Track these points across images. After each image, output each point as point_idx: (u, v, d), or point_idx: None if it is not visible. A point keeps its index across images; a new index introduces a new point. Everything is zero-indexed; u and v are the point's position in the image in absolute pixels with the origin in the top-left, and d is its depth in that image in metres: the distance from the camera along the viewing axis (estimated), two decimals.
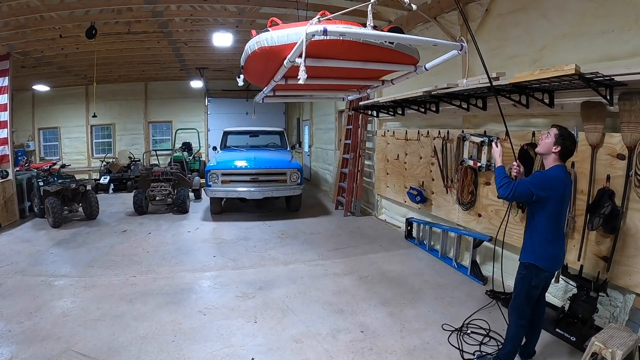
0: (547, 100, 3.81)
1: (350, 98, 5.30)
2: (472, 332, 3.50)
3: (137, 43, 8.24)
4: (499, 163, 2.90)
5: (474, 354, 3.14)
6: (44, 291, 4.28)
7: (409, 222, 6.29)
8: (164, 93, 14.39)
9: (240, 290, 4.35)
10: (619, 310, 3.32)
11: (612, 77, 2.94)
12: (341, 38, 2.61)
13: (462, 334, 3.44)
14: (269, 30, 2.88)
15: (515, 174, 2.95)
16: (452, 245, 5.32)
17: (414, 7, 2.80)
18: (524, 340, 2.99)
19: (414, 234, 6.25)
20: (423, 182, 6.04)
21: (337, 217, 7.86)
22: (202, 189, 8.79)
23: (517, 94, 4.02)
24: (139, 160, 12.50)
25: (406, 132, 6.42)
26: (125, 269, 4.98)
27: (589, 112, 3.42)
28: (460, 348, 3.20)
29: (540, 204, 2.67)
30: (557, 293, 3.96)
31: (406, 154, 6.48)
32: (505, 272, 4.55)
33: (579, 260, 3.53)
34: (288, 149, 9.17)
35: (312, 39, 2.54)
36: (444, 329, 3.51)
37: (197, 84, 12.83)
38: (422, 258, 5.50)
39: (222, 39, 7.33)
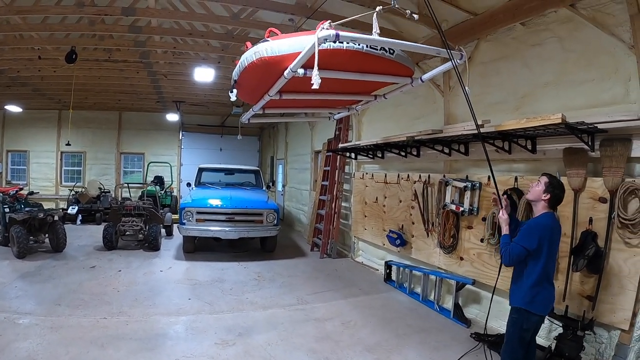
0: (529, 147, 3.99)
1: (337, 117, 5.32)
2: None
3: (115, 71, 8.03)
4: (504, 231, 2.90)
5: None
6: (7, 329, 3.87)
7: (388, 265, 6.19)
8: (138, 124, 14.09)
9: (219, 336, 3.98)
10: (604, 346, 3.33)
11: (596, 125, 3.13)
12: (344, 47, 2.61)
13: None
14: (268, 41, 2.81)
15: (502, 213, 2.96)
16: (432, 288, 5.25)
17: (416, 17, 2.86)
18: None
19: (393, 277, 6.15)
20: (403, 225, 6.03)
21: (314, 259, 7.63)
22: (174, 225, 8.40)
23: (501, 140, 4.19)
24: (109, 192, 12.00)
25: (385, 175, 6.49)
26: (95, 310, 4.51)
27: (571, 157, 3.59)
28: None
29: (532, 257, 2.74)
30: (542, 333, 3.89)
31: (385, 197, 6.50)
32: (491, 315, 4.56)
33: (563, 300, 3.56)
34: (264, 188, 9.01)
35: (303, 62, 2.58)
36: None
37: (172, 117, 12.67)
38: (403, 301, 5.37)
39: (204, 74, 7.29)
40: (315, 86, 2.36)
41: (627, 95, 3.31)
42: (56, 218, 7.20)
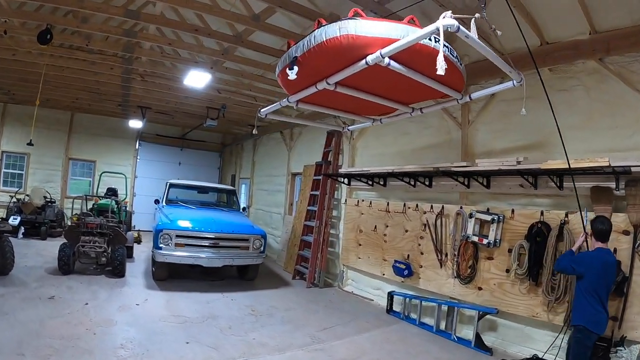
0: (558, 183, 4.55)
1: (351, 128, 5.69)
2: None
3: (85, 64, 7.36)
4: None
5: None
6: None
7: (391, 296, 6.39)
8: (92, 128, 13.32)
9: None
10: (625, 359, 3.87)
11: (628, 168, 3.77)
12: (432, 45, 2.83)
13: None
14: (356, 19, 2.89)
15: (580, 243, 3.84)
16: (443, 318, 5.58)
17: (499, 32, 3.17)
18: None
19: (395, 307, 6.35)
20: (409, 255, 6.35)
21: (300, 289, 7.59)
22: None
23: (529, 176, 4.71)
24: (55, 202, 10.86)
25: (388, 204, 6.81)
26: None
27: (599, 195, 4.27)
28: None
29: (579, 278, 3.55)
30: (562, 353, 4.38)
31: (387, 226, 6.81)
32: (508, 341, 4.98)
33: None
34: (240, 210, 8.73)
35: (398, 51, 2.76)
36: None
37: (135, 123, 12.10)
38: (418, 334, 5.63)
39: (197, 79, 7.07)
40: (440, 72, 2.49)
41: None
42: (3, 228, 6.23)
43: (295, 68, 3.21)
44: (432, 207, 6.07)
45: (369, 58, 2.93)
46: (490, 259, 5.25)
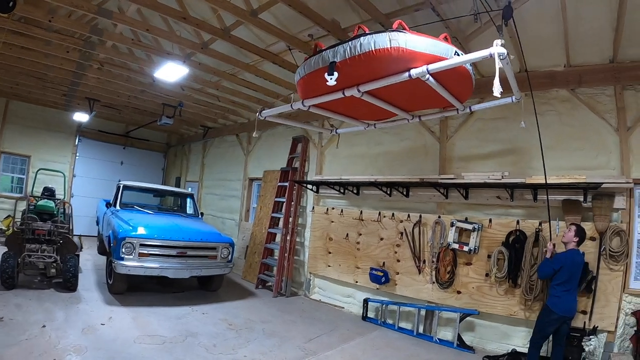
0: (532, 196, 5.28)
1: (339, 131, 5.92)
2: None
3: (39, 44, 6.42)
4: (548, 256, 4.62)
5: None
6: None
7: (366, 303, 6.68)
8: (28, 119, 11.95)
9: None
10: (594, 346, 4.71)
11: (599, 184, 4.63)
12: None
13: None
14: (403, 32, 3.09)
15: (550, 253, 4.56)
16: (421, 322, 6.03)
17: (512, 56, 3.40)
18: None
19: (370, 314, 6.65)
20: (384, 262, 6.71)
21: (268, 299, 7.53)
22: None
23: (506, 189, 5.40)
24: None
25: (361, 212, 7.11)
26: None
27: (569, 207, 5.08)
28: None
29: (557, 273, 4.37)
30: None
31: (360, 234, 7.12)
32: (486, 339, 5.57)
33: None
34: (199, 215, 8.33)
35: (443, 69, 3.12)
36: None
37: (81, 117, 11.10)
38: (400, 338, 6.00)
39: (172, 72, 6.64)
40: (496, 94, 2.89)
41: (609, 163, 5.06)
42: None
43: (336, 74, 3.30)
44: (409, 216, 6.53)
45: (414, 72, 3.16)
46: (469, 265, 5.83)
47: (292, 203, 8.03)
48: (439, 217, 6.17)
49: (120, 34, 5.94)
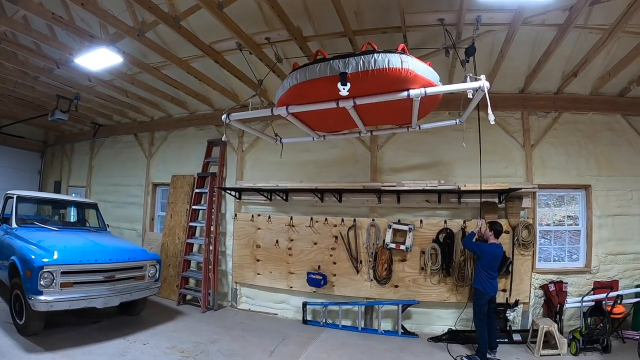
0: (457, 200, 6.43)
1: (285, 141, 5.94)
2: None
3: None
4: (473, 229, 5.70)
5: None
6: None
7: (305, 307, 6.94)
8: None
9: None
10: (513, 316, 6.14)
11: (517, 189, 5.94)
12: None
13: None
14: (402, 53, 3.49)
15: (479, 230, 5.61)
16: (362, 317, 6.66)
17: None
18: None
19: (309, 317, 6.95)
20: (319, 266, 7.04)
21: (198, 315, 6.98)
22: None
23: (435, 194, 6.43)
24: None
25: (291, 218, 7.27)
26: None
27: (488, 207, 6.32)
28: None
29: (479, 258, 5.45)
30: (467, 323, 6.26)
31: (291, 240, 7.26)
32: (422, 324, 6.53)
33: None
34: (106, 228, 7.15)
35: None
36: None
37: None
38: (348, 335, 6.37)
39: (99, 59, 5.54)
40: (492, 122, 3.73)
41: (516, 173, 6.44)
42: None
43: (349, 84, 3.47)
44: (342, 220, 6.99)
45: (413, 93, 3.64)
46: (404, 261, 6.65)
47: (213, 211, 7.66)
48: (373, 220, 6.82)
49: (39, 3, 4.77)
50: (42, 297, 4.82)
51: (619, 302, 5.68)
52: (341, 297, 6.91)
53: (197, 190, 7.87)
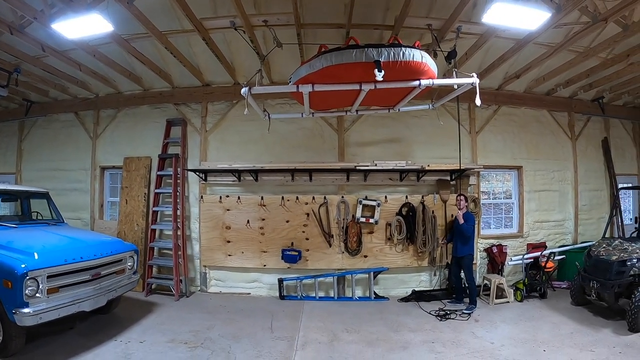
0: (417, 178, 7.00)
1: (273, 117, 5.98)
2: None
3: None
4: (464, 211, 6.34)
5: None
6: None
7: (281, 282, 6.91)
8: None
9: None
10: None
11: (469, 169, 6.73)
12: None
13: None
14: (425, 52, 4.13)
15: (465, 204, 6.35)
16: (334, 287, 6.95)
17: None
18: None
19: (285, 293, 6.97)
20: (292, 242, 7.09)
21: (174, 304, 6.55)
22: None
23: (398, 173, 6.93)
24: None
25: (262, 198, 7.08)
26: None
27: (442, 184, 7.15)
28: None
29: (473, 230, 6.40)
30: (426, 284, 7.02)
31: (263, 219, 7.15)
32: (389, 288, 7.06)
33: (447, 258, 6.96)
34: (64, 220, 5.94)
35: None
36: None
37: None
38: (328, 305, 6.73)
39: (85, 27, 4.55)
40: (478, 104, 4.50)
41: (464, 154, 7.19)
42: None
43: (383, 71, 3.85)
44: (313, 198, 7.13)
45: (424, 82, 4.34)
46: (372, 233, 7.11)
47: (179, 194, 6.98)
48: (343, 197, 7.09)
49: None
50: (28, 310, 4.03)
51: (552, 258, 6.91)
52: (315, 271, 7.13)
53: (158, 173, 7.15)
